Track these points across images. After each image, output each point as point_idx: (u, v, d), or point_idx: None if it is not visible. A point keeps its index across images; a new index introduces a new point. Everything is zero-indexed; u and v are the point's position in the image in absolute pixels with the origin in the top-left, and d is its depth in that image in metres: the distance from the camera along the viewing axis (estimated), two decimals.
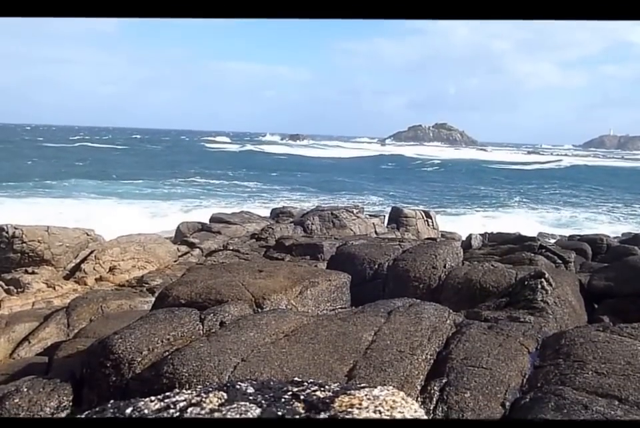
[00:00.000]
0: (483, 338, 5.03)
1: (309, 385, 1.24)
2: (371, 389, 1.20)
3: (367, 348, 4.69)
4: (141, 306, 9.84)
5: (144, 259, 13.14)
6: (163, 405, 1.14)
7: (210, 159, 72.11)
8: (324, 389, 1.21)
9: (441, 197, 42.11)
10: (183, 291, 6.52)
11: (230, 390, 1.21)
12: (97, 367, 5.05)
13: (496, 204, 38.02)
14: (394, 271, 8.44)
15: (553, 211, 34.81)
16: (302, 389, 1.21)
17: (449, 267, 8.45)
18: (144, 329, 5.19)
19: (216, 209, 24.65)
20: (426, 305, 5.74)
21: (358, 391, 1.19)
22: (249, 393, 1.19)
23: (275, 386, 1.24)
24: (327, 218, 17.78)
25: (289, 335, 4.93)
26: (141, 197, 33.64)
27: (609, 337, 4.86)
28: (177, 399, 1.16)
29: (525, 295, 6.83)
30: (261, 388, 1.23)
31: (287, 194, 38.41)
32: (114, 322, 7.90)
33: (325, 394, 1.18)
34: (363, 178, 53.97)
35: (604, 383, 4.06)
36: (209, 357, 4.53)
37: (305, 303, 6.52)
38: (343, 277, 7.25)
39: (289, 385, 1.25)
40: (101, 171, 49.21)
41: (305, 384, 1.25)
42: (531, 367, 4.63)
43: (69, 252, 12.81)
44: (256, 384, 1.26)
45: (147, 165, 56.93)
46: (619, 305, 7.83)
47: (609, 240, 16.39)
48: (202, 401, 1.15)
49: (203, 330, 5.27)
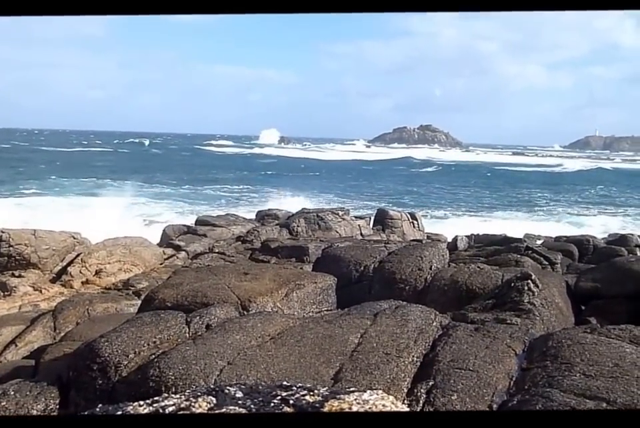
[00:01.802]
0: (469, 340, 5.02)
1: (298, 389, 1.23)
2: (360, 393, 1.19)
3: (353, 350, 4.68)
4: (127, 309, 9.78)
5: (130, 261, 13.06)
6: (152, 409, 1.13)
7: (227, 163, 71.54)
8: (313, 393, 1.20)
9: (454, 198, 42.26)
10: (169, 294, 6.49)
11: (219, 394, 1.20)
12: (83, 370, 5.01)
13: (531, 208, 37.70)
14: (380, 273, 8.44)
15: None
16: (291, 394, 1.20)
17: (435, 269, 8.46)
18: (130, 332, 5.16)
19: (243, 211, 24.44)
20: (412, 307, 5.73)
21: (347, 395, 1.18)
22: (238, 397, 1.18)
23: (263, 390, 1.23)
24: (312, 220, 17.76)
25: (275, 337, 4.91)
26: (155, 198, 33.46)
27: (596, 339, 4.87)
28: (166, 404, 1.15)
29: (512, 297, 6.84)
30: (250, 392, 1.21)
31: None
32: (100, 325, 7.85)
33: (315, 398, 1.17)
34: (392, 181, 53.65)
35: (592, 385, 4.06)
36: (195, 360, 4.51)
37: (291, 305, 6.51)
38: (329, 279, 7.24)
39: (278, 389, 1.24)
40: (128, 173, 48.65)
41: (294, 388, 1.24)
42: (518, 369, 4.63)
43: (55, 255, 12.73)
44: (244, 388, 1.25)
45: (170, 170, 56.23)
46: (606, 306, 7.87)
47: (595, 241, 16.51)
48: (191, 406, 1.14)
49: (189, 333, 5.24)
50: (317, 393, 1.20)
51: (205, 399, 1.16)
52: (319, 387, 1.25)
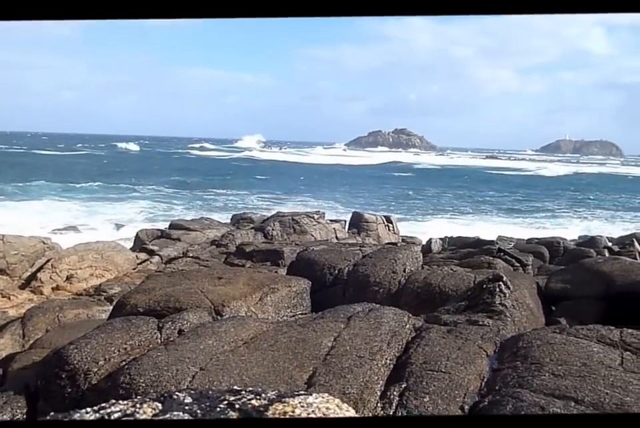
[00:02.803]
0: (442, 342, 5.06)
1: (246, 394, 1.23)
2: (305, 396, 1.20)
3: (326, 354, 4.67)
4: (99, 315, 9.66)
5: (102, 267, 12.91)
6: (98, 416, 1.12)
7: (214, 167, 70.71)
8: (259, 397, 1.21)
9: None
10: (141, 299, 6.42)
11: (166, 400, 1.19)
12: (52, 378, 4.92)
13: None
14: (354, 276, 8.46)
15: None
16: (238, 398, 1.21)
17: (409, 272, 8.50)
18: (100, 338, 5.08)
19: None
20: (385, 310, 5.75)
21: (292, 399, 1.19)
22: (186, 403, 1.18)
23: (212, 395, 1.23)
24: (287, 224, 17.76)
25: (248, 342, 4.89)
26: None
27: (565, 339, 4.93)
28: (112, 410, 1.15)
29: (484, 299, 6.90)
30: (199, 397, 1.22)
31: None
32: (71, 332, 7.73)
33: (260, 402, 1.18)
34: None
35: (560, 385, 4.12)
36: (167, 366, 4.46)
37: (265, 309, 6.48)
38: (303, 283, 7.23)
39: (227, 394, 1.24)
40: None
41: (243, 392, 1.25)
42: (490, 370, 4.67)
43: (24, 261, 12.53)
44: (194, 394, 1.25)
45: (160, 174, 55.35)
46: (575, 306, 7.98)
47: (565, 243, 16.81)
48: (135, 412, 1.13)
49: (160, 339, 5.18)
50: (263, 397, 1.21)
51: (150, 405, 1.16)
52: (268, 391, 1.26)
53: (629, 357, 4.56)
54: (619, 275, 8.10)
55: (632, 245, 16.39)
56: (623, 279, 7.94)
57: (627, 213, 38.90)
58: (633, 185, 64.28)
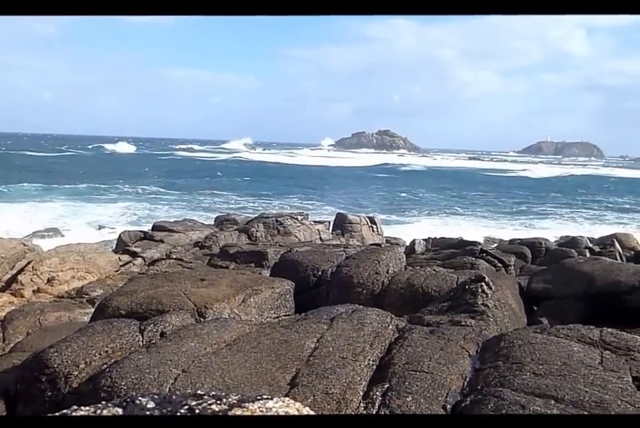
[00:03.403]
0: (424, 342, 5.08)
1: (208, 398, 1.23)
2: (265, 400, 1.20)
3: (309, 355, 4.67)
4: (81, 318, 9.58)
5: (84, 269, 12.78)
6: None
7: (205, 169, 70.27)
8: (220, 401, 1.21)
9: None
10: (123, 302, 6.37)
11: (128, 405, 1.19)
12: (31, 382, 4.87)
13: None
14: (337, 277, 8.47)
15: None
16: (199, 403, 1.20)
17: (392, 273, 8.52)
18: (81, 341, 5.04)
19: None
20: (368, 311, 5.76)
21: (252, 403, 1.19)
22: (148, 408, 1.18)
23: (175, 400, 1.22)
24: (271, 225, 17.73)
25: (230, 344, 4.87)
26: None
27: (546, 339, 4.98)
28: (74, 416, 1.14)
29: (466, 299, 6.94)
30: (162, 402, 1.21)
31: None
32: (52, 335, 7.65)
33: (220, 407, 1.18)
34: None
35: (541, 384, 4.16)
36: (149, 368, 4.43)
37: (248, 311, 6.47)
38: (287, 284, 7.22)
39: (189, 398, 1.24)
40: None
41: (205, 397, 1.25)
42: (472, 370, 4.70)
43: (4, 263, 12.38)
44: (157, 398, 1.24)
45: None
46: (556, 306, 8.05)
47: (547, 243, 16.99)
48: None
49: (142, 341, 5.15)
50: (224, 401, 1.21)
51: (110, 411, 1.15)
52: (230, 396, 1.26)
53: (608, 356, 4.62)
54: (600, 274, 8.19)
55: (613, 245, 16.59)
56: (604, 279, 8.02)
57: (613, 214, 39.41)
58: (617, 186, 65.16)
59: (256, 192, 43.85)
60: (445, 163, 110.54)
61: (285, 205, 35.46)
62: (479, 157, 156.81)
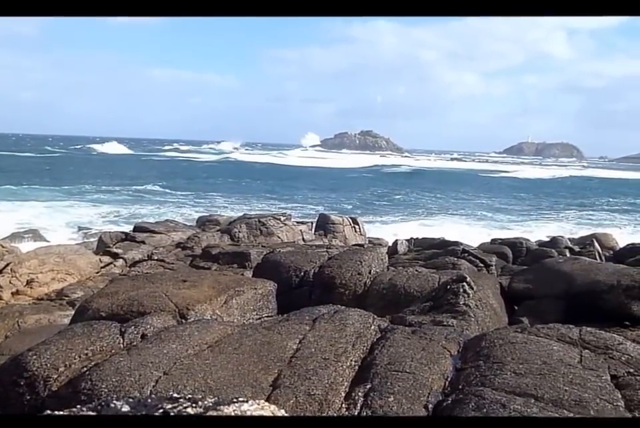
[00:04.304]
0: (406, 343, 5.10)
1: (183, 401, 1.23)
2: (240, 403, 1.20)
3: (291, 356, 4.67)
4: (61, 320, 9.48)
5: (64, 270, 12.64)
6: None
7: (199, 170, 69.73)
8: (196, 405, 1.20)
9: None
10: (104, 304, 6.32)
11: (103, 409, 1.18)
12: (9, 386, 4.80)
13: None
14: (320, 278, 8.47)
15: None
16: (174, 406, 1.20)
17: (374, 273, 8.55)
18: (60, 344, 4.98)
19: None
20: (350, 312, 5.77)
21: (227, 406, 1.19)
22: (123, 411, 1.17)
23: (150, 403, 1.22)
24: (254, 226, 17.67)
25: (212, 345, 4.85)
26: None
27: (526, 338, 5.02)
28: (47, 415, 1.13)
29: (448, 299, 6.99)
30: (136, 406, 1.20)
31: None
32: (32, 337, 7.57)
33: (196, 410, 1.17)
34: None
35: (521, 383, 4.20)
36: (130, 371, 4.39)
37: (231, 312, 6.44)
38: (269, 285, 7.21)
39: (165, 401, 1.23)
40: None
41: (181, 400, 1.24)
42: (453, 370, 4.72)
43: None
44: (132, 402, 1.23)
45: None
46: (537, 306, 8.13)
47: (528, 243, 17.12)
48: None
49: (123, 343, 5.10)
50: (200, 404, 1.20)
51: (85, 415, 1.14)
52: (206, 399, 1.25)
53: (587, 355, 4.67)
54: (579, 274, 8.28)
55: (592, 245, 16.78)
56: (583, 279, 8.12)
57: (595, 214, 39.86)
58: (600, 187, 66.00)
59: (242, 194, 43.67)
60: (428, 164, 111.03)
61: (270, 205, 35.42)
62: (461, 158, 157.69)
